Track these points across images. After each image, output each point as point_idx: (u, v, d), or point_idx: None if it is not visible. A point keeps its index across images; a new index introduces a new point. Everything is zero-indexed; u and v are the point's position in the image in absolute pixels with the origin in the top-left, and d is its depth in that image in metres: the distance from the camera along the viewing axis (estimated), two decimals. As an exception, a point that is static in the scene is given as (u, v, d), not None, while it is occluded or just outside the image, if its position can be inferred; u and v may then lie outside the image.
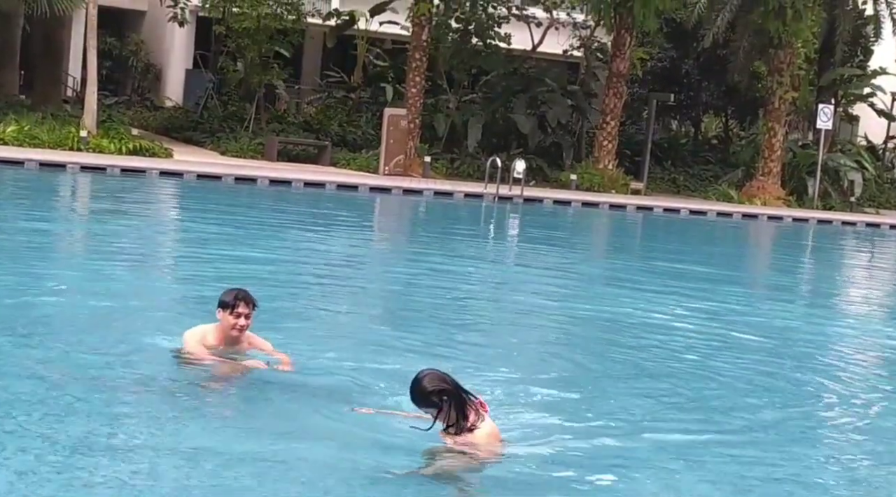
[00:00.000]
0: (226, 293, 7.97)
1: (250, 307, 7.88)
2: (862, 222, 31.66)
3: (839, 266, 23.60)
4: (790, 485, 6.84)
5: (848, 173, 34.90)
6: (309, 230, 19.00)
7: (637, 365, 9.86)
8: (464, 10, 33.76)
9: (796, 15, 32.16)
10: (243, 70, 33.40)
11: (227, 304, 7.87)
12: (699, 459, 7.14)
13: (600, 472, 6.63)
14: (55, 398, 7.06)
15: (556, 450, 6.92)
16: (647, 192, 32.27)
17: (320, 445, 6.68)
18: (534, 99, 34.73)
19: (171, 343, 8.34)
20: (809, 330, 13.28)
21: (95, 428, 6.56)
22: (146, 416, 6.96)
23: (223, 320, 7.90)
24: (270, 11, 31.49)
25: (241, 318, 7.85)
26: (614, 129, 32.46)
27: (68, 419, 6.68)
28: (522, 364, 9.54)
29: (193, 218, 19.92)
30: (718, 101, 39.87)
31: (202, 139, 31.97)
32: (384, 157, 29.71)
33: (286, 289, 12.29)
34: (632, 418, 7.98)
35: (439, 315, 11.62)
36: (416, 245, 18.94)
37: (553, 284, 15.15)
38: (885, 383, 10.36)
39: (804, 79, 35.11)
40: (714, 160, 38.60)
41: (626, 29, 31.92)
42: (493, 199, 26.98)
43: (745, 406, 8.68)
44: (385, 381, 8.10)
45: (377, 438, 6.81)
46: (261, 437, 6.66)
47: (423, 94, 31.55)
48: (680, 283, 15.88)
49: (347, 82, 37.95)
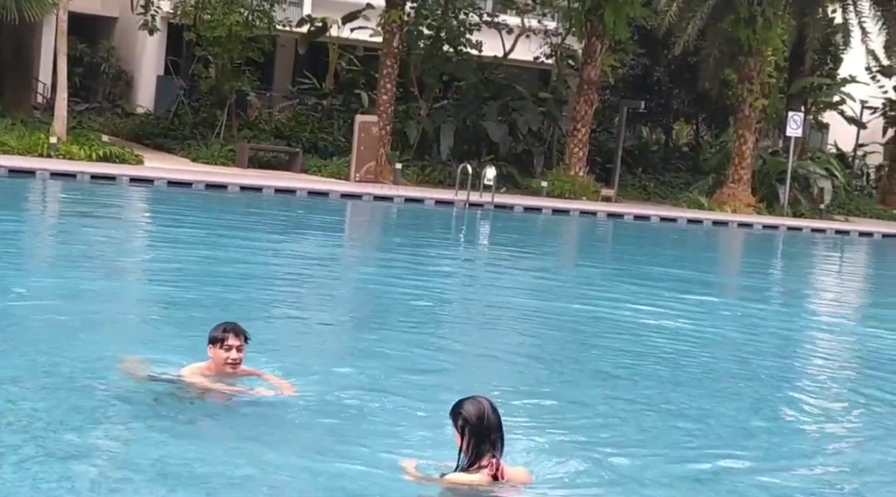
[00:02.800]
0: (214, 328, 7.65)
1: (241, 339, 7.56)
2: (831, 229, 31.87)
3: (809, 272, 23.76)
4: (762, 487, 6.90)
5: (818, 181, 35.14)
6: (279, 236, 18.96)
7: (610, 366, 9.89)
8: (435, 17, 33.80)
9: (766, 23, 32.39)
10: (214, 77, 33.32)
11: (216, 338, 7.55)
12: (672, 464, 7.19)
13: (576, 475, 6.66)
14: (21, 409, 6.99)
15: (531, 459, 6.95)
16: (617, 199, 32.38)
17: (291, 455, 6.67)
18: (505, 106, 34.81)
19: (141, 351, 8.28)
20: (779, 333, 13.39)
21: (63, 438, 6.51)
22: (112, 425, 6.90)
23: (215, 357, 7.58)
24: (241, 19, 31.43)
25: (232, 352, 7.51)
26: (585, 137, 32.58)
27: (33, 429, 6.63)
28: (496, 370, 9.56)
29: (164, 224, 19.85)
30: (689, 108, 40.10)
31: (173, 146, 31.86)
32: (355, 164, 29.70)
33: (257, 295, 12.28)
34: (603, 420, 8.02)
35: (410, 321, 11.63)
36: (387, 251, 18.93)
37: (523, 290, 15.18)
38: (858, 387, 10.44)
39: (774, 86, 35.34)
40: (685, 167, 38.79)
41: (597, 36, 32.05)
42: (463, 206, 27.01)
43: (712, 405, 8.73)
44: (354, 389, 8.10)
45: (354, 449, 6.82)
46: (231, 448, 6.63)
47: (395, 101, 31.57)
48: (649, 287, 15.95)
49: (319, 89, 37.92)
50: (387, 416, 7.53)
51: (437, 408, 7.24)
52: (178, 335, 9.48)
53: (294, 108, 36.99)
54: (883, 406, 9.48)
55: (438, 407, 7.12)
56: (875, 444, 8.20)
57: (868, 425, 8.82)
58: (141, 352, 8.38)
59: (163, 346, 8.85)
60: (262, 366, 8.11)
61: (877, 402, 9.63)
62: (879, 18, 35.66)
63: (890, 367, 11.47)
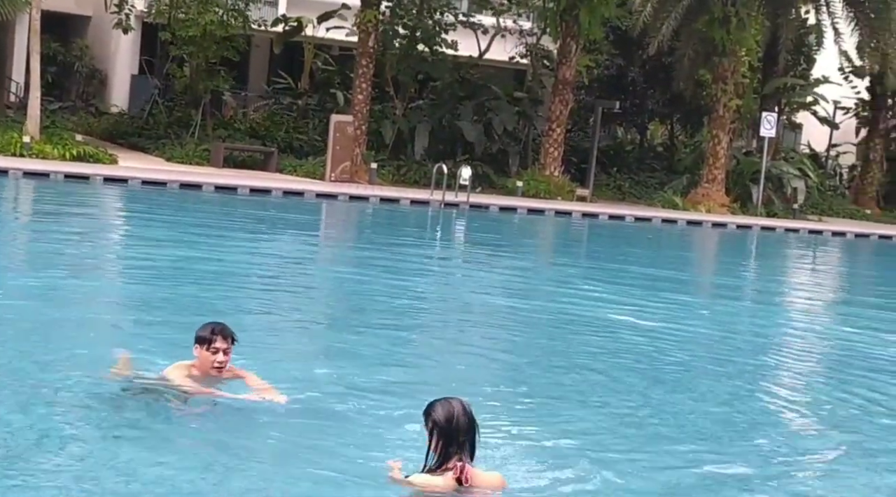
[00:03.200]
0: (202, 328, 7.48)
1: (228, 341, 7.39)
2: (805, 229, 32.05)
3: (783, 272, 23.89)
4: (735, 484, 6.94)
5: (791, 181, 35.33)
6: (254, 236, 18.92)
7: (587, 365, 9.92)
8: (410, 16, 33.79)
9: (740, 23, 32.54)
10: (189, 76, 33.21)
11: (203, 339, 7.37)
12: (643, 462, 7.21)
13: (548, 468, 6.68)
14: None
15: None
16: (592, 198, 32.46)
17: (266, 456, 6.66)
18: (480, 106, 34.83)
19: (114, 352, 8.22)
20: (754, 331, 13.47)
21: (32, 440, 6.45)
22: (81, 428, 6.78)
23: (200, 357, 7.40)
24: (216, 18, 31.32)
25: (219, 354, 7.34)
26: (560, 136, 32.65)
27: (3, 432, 6.59)
28: (473, 370, 9.57)
29: (138, 224, 19.77)
30: (664, 108, 40.23)
31: (147, 145, 31.73)
32: (330, 164, 29.67)
33: (232, 295, 12.25)
34: (580, 420, 8.05)
35: (386, 320, 11.62)
36: (362, 251, 18.92)
37: (499, 289, 15.20)
38: (832, 384, 10.52)
39: (748, 87, 35.51)
40: (659, 167, 38.91)
41: (571, 36, 32.12)
42: (439, 206, 27.02)
43: (689, 404, 8.77)
44: (331, 390, 8.08)
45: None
46: (207, 453, 6.57)
47: (370, 101, 31.54)
48: (624, 286, 16.01)
49: (294, 89, 37.84)
50: (365, 417, 7.50)
51: (414, 408, 7.23)
52: (151, 335, 9.43)
53: (269, 107, 36.90)
54: (858, 403, 9.54)
55: (416, 407, 7.11)
56: (850, 441, 8.25)
57: (843, 422, 8.87)
58: (113, 351, 8.31)
59: (137, 346, 8.79)
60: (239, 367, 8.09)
61: (852, 398, 9.69)
62: (852, 19, 35.85)
63: (863, 364, 11.56)
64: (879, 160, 40.60)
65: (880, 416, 9.19)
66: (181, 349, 7.87)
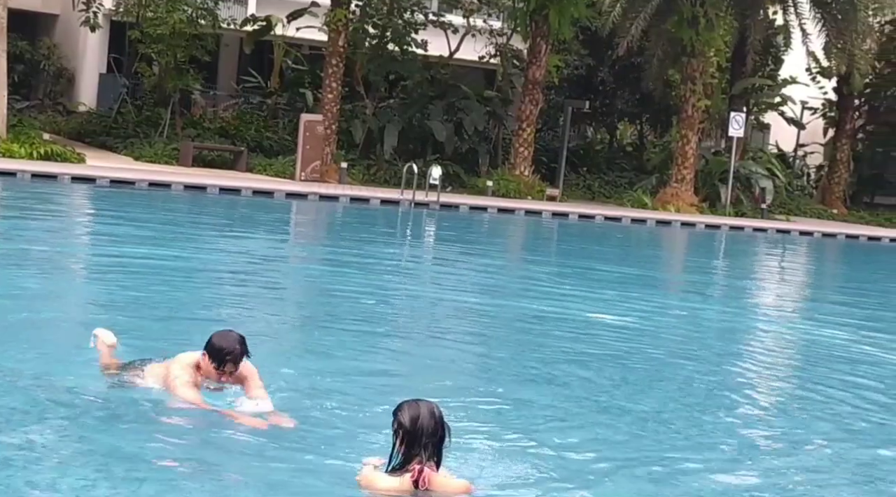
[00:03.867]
0: (219, 339, 7.17)
1: (239, 365, 7.19)
2: (773, 229, 32.26)
3: (751, 271, 24.04)
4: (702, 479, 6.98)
5: (759, 181, 35.56)
6: (224, 236, 18.85)
7: (557, 363, 9.95)
8: (381, 15, 33.79)
9: (709, 24, 32.72)
10: (158, 75, 33.05)
11: (215, 357, 7.12)
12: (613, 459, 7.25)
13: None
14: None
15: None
16: (562, 198, 32.55)
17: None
18: (450, 105, 34.86)
19: (81, 354, 8.14)
20: (723, 329, 13.55)
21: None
22: (54, 431, 6.73)
23: (205, 367, 7.17)
24: (185, 17, 31.19)
25: (224, 376, 7.19)
26: (530, 136, 32.73)
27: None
28: (443, 369, 9.58)
29: (106, 223, 19.65)
30: (633, 108, 40.40)
31: (116, 144, 31.57)
32: (300, 163, 29.62)
33: (201, 294, 12.20)
34: (550, 419, 8.08)
35: (356, 320, 11.61)
36: (332, 251, 18.89)
37: (470, 288, 15.22)
38: (799, 381, 10.60)
39: (717, 87, 35.72)
40: (629, 167, 39.07)
41: (541, 36, 32.20)
42: (409, 205, 27.02)
43: (660, 402, 8.82)
44: (301, 391, 8.07)
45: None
46: (173, 452, 6.56)
47: (340, 100, 31.51)
48: (594, 285, 16.07)
49: (264, 88, 37.73)
50: (335, 419, 7.45)
51: (383, 407, 7.24)
52: (118, 333, 9.32)
53: (239, 106, 36.79)
54: (824, 399, 9.62)
55: (386, 408, 7.12)
56: (819, 437, 8.32)
57: (809, 418, 8.94)
58: (80, 350, 8.22)
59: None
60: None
61: (818, 395, 9.78)
62: (819, 20, 36.11)
63: (829, 361, 11.66)
64: (846, 160, 40.92)
65: (846, 406, 9.28)
66: (151, 342, 7.83)
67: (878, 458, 7.96)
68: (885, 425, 8.99)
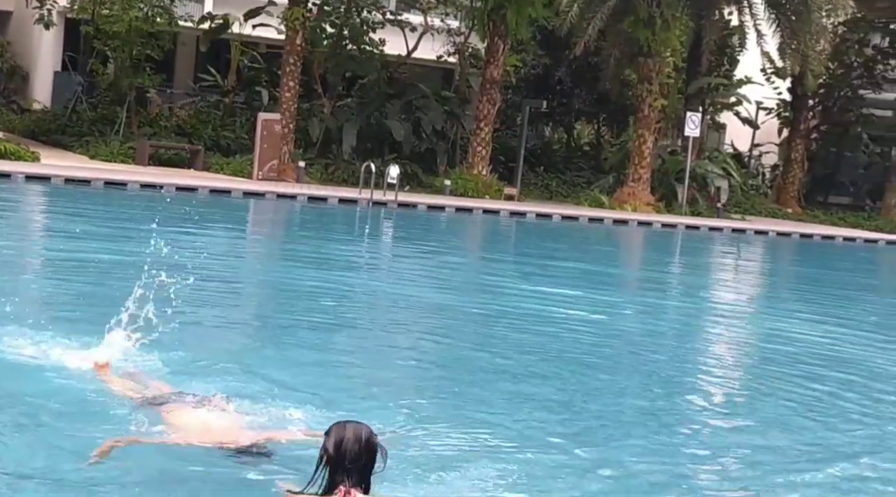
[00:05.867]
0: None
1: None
2: (728, 228, 32.51)
3: (707, 269, 24.21)
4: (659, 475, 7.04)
5: (715, 180, 35.83)
6: (180, 234, 18.72)
7: (514, 360, 10.00)
8: (338, 14, 33.72)
9: (665, 24, 32.93)
10: (114, 73, 32.79)
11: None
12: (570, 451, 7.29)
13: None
14: None
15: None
16: (520, 197, 32.64)
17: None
18: (408, 104, 34.86)
19: (35, 357, 8.07)
20: (679, 326, 13.65)
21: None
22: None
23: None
24: (141, 14, 30.97)
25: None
26: (488, 135, 32.80)
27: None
28: (400, 369, 9.59)
29: (60, 222, 19.49)
30: (590, 108, 40.57)
31: (71, 143, 31.30)
32: (258, 162, 29.50)
33: (154, 292, 12.12)
34: (508, 417, 8.11)
35: (313, 320, 11.59)
36: (290, 250, 18.85)
37: (427, 287, 15.23)
38: (753, 375, 10.71)
39: (673, 87, 35.95)
40: (586, 166, 39.24)
41: (499, 36, 32.27)
42: (367, 205, 26.99)
43: (616, 397, 8.88)
44: (251, 395, 8.04)
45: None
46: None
47: (298, 99, 31.41)
48: (552, 283, 16.13)
49: (221, 86, 37.55)
50: (284, 423, 7.33)
51: (338, 413, 7.26)
52: (69, 330, 9.24)
53: (196, 105, 36.58)
54: (776, 392, 9.74)
55: (340, 413, 7.15)
56: (772, 429, 8.42)
57: (763, 411, 9.04)
58: (31, 357, 8.11)
59: (55, 343, 8.68)
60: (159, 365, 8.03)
61: (770, 388, 9.90)
62: (774, 21, 36.44)
63: (780, 357, 11.78)
64: (800, 160, 41.31)
65: (796, 398, 9.40)
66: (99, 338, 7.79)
67: (828, 440, 8.18)
68: (838, 407, 9.22)
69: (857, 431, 8.75)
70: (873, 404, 9.87)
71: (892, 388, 10.88)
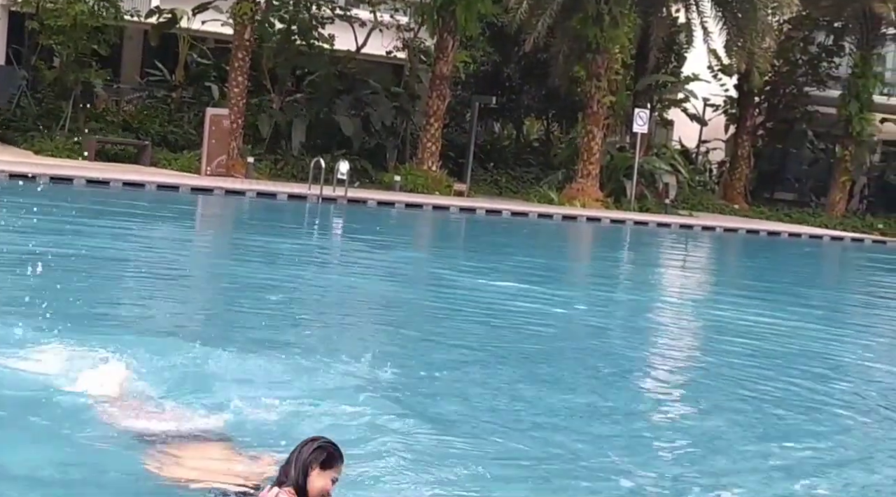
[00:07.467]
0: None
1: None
2: (676, 224, 32.77)
3: (655, 264, 24.38)
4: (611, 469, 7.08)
5: (663, 176, 36.10)
6: (127, 231, 18.58)
7: (466, 356, 10.02)
8: (287, 9, 33.57)
9: (613, 21, 33.12)
10: (59, 68, 32.44)
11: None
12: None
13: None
14: None
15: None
16: (470, 193, 32.70)
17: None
18: (358, 100, 34.80)
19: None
20: (628, 318, 13.75)
21: None
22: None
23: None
24: (87, 8, 30.64)
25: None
26: (438, 131, 32.82)
27: None
28: (351, 368, 9.56)
29: (2, 216, 19.21)
30: (539, 104, 40.72)
31: (15, 138, 30.93)
32: (206, 158, 29.31)
33: (100, 288, 12.02)
34: (458, 414, 8.12)
35: (261, 317, 11.52)
36: (238, 246, 18.75)
37: (378, 283, 15.22)
38: (703, 365, 10.81)
39: (621, 83, 36.16)
40: (535, 162, 39.39)
41: (448, 32, 32.30)
42: (316, 200, 26.90)
43: (566, 392, 8.92)
44: (209, 379, 8.01)
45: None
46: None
47: (247, 94, 31.25)
48: (499, 276, 16.18)
49: (169, 81, 37.26)
50: (237, 430, 7.23)
51: (291, 416, 7.24)
52: (13, 323, 9.12)
53: (143, 100, 36.26)
54: (727, 383, 9.84)
55: (293, 416, 7.13)
56: (724, 416, 8.51)
57: (712, 400, 9.13)
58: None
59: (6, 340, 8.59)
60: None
61: (720, 378, 10.01)
62: (720, 19, 36.75)
63: (728, 347, 11.91)
64: (747, 156, 41.74)
65: (751, 388, 9.50)
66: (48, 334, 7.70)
67: (777, 424, 8.30)
68: (791, 391, 9.37)
69: (800, 415, 8.88)
70: (824, 389, 10.06)
71: (839, 375, 11.08)
